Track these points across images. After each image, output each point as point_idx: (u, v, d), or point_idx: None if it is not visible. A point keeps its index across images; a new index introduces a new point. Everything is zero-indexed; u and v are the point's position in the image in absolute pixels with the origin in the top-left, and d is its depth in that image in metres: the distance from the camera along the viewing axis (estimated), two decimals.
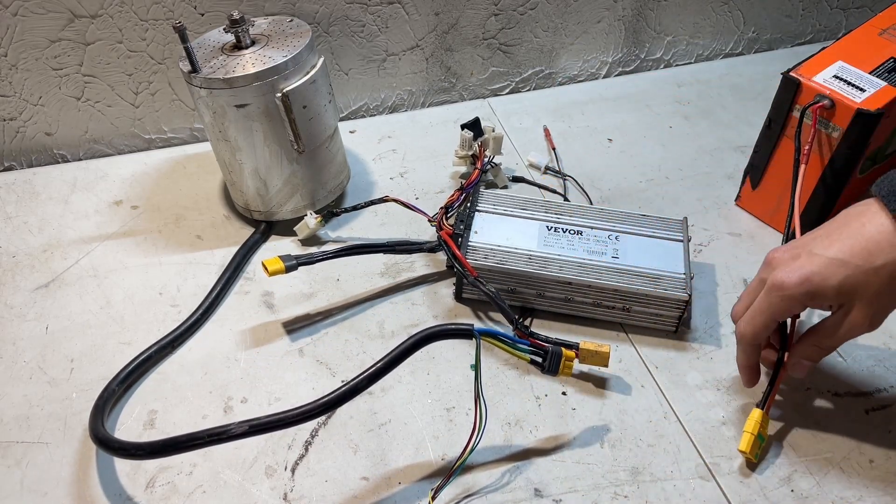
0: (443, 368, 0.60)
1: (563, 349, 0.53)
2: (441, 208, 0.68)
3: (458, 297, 0.65)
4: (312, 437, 0.55)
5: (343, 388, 0.47)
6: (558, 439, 0.54)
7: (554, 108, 0.92)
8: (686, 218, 0.66)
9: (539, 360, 0.53)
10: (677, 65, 1.02)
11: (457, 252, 0.61)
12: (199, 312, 0.64)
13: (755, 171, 0.72)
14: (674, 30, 0.98)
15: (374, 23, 0.86)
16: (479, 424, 0.49)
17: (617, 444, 0.54)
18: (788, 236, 0.60)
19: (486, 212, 0.65)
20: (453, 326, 0.49)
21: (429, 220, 0.69)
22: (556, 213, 0.66)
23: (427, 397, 0.58)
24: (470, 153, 0.75)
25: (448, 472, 0.51)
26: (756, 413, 0.52)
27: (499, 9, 0.89)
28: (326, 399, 0.47)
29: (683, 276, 0.60)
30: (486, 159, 0.75)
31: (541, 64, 0.96)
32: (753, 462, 0.52)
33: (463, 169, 0.81)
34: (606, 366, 0.55)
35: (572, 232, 0.64)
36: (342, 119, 0.93)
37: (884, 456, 0.52)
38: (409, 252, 0.68)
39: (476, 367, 0.48)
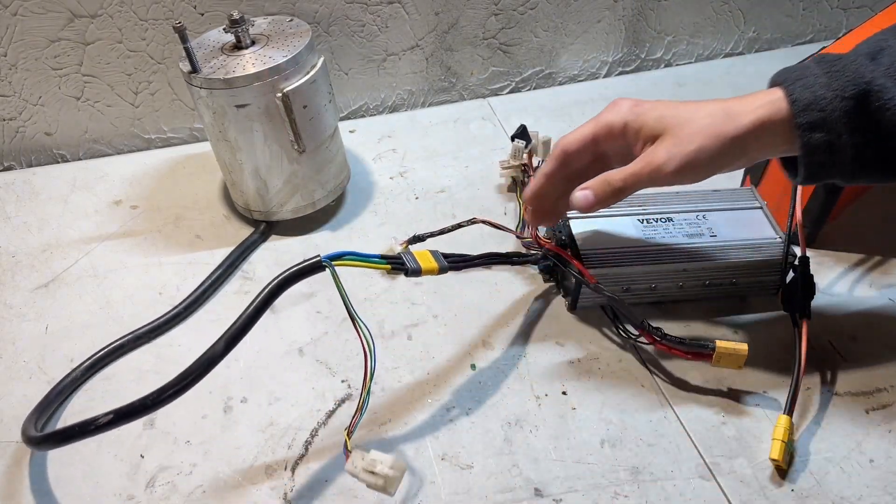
0: (442, 369, 0.60)
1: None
2: (529, 225, 0.64)
3: (573, 307, 0.63)
4: (312, 436, 0.55)
5: (199, 361, 0.46)
6: (558, 439, 0.54)
7: (554, 108, 0.92)
8: (753, 186, 0.67)
9: (399, 265, 0.52)
10: (678, 64, 1.02)
11: (574, 262, 0.59)
12: (182, 307, 0.65)
13: (755, 170, 0.72)
14: (674, 29, 0.98)
15: (374, 22, 0.86)
16: (368, 346, 0.47)
17: (617, 444, 0.54)
18: (790, 236, 0.60)
19: (577, 217, 0.64)
20: (301, 265, 0.48)
21: (517, 236, 0.67)
22: (639, 206, 0.65)
23: (427, 397, 0.58)
24: (520, 163, 0.74)
25: (356, 409, 0.49)
26: (783, 419, 0.52)
27: (499, 8, 0.89)
28: (173, 384, 0.46)
29: (780, 240, 0.61)
30: (536, 165, 0.74)
31: (541, 64, 0.96)
32: (784, 469, 0.51)
33: (504, 181, 0.79)
34: (740, 367, 0.55)
35: (664, 220, 0.63)
36: (342, 119, 0.93)
37: (884, 456, 0.52)
38: (520, 264, 0.66)
39: (340, 291, 0.48)
